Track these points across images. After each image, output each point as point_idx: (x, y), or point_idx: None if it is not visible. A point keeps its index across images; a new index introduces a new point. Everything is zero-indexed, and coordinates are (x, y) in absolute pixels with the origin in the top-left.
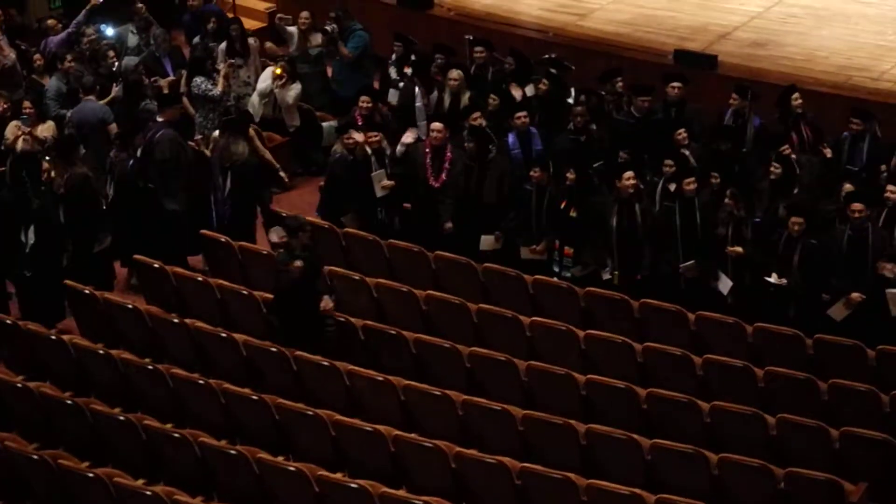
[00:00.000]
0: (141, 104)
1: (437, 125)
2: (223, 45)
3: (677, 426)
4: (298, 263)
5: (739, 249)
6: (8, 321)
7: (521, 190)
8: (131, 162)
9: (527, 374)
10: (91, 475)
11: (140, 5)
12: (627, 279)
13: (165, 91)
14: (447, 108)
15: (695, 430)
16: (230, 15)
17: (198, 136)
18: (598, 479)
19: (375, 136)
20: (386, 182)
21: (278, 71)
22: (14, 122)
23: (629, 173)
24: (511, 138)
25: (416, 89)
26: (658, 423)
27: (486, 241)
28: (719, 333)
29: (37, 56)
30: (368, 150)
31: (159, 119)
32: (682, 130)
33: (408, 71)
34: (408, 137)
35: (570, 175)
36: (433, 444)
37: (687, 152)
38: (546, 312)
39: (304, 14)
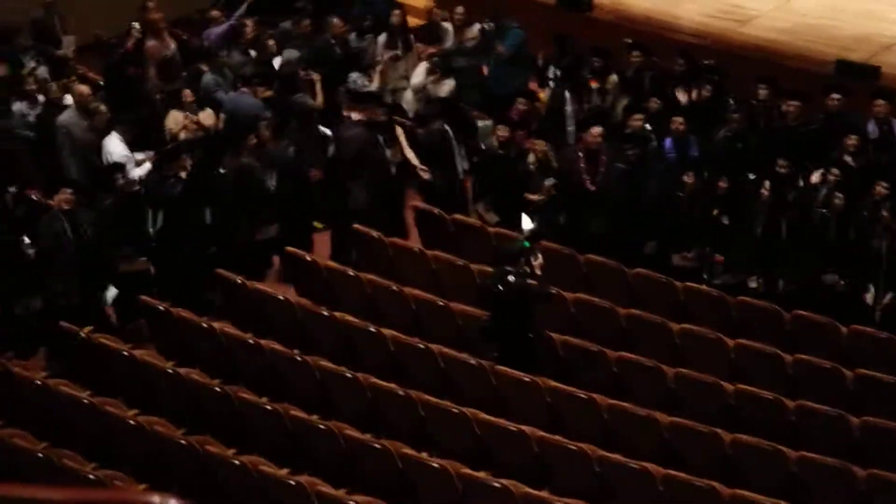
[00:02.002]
0: (294, 97)
1: (596, 129)
2: (382, 36)
3: (825, 440)
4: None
5: None
6: (160, 307)
7: (674, 196)
8: (292, 152)
9: (674, 381)
10: (236, 462)
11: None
12: (771, 288)
13: (317, 84)
14: (603, 112)
15: (842, 444)
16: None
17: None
18: (741, 489)
19: (542, 144)
20: (547, 185)
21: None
22: (176, 111)
23: (769, 182)
24: (668, 143)
25: (567, 93)
26: (805, 436)
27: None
28: (871, 348)
29: (198, 47)
30: (532, 157)
31: (353, 117)
32: (852, 137)
33: (558, 73)
34: None
35: (723, 183)
36: (577, 447)
37: (849, 160)
38: (695, 320)
39: (460, 10)
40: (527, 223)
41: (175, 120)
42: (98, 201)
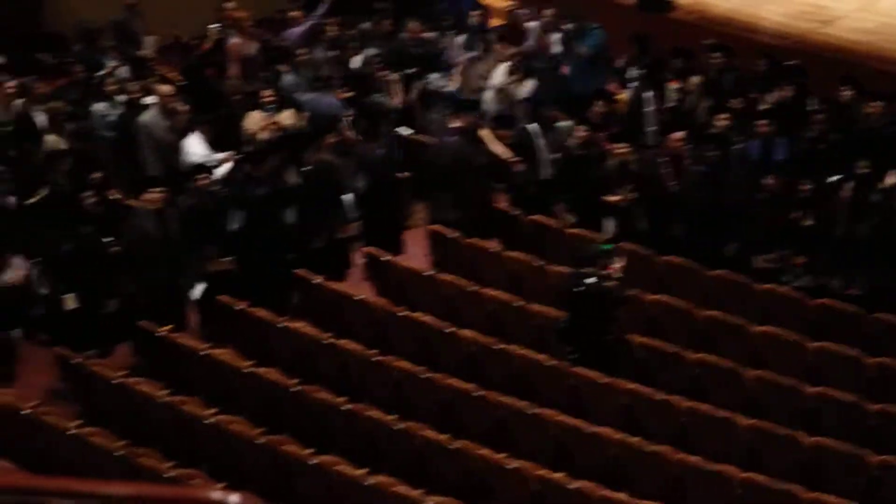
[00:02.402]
0: (370, 97)
1: (678, 134)
2: (461, 37)
3: None
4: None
5: None
6: (237, 307)
7: (754, 198)
8: (380, 152)
9: (753, 383)
10: (313, 462)
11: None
12: (852, 290)
13: (397, 83)
14: (683, 113)
15: None
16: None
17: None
18: (821, 493)
19: (623, 147)
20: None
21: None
22: (256, 112)
23: (851, 184)
24: (754, 146)
25: (647, 94)
26: (887, 440)
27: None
28: None
29: (277, 47)
30: (613, 160)
31: (452, 125)
32: None
33: (637, 73)
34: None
35: (805, 185)
36: (654, 449)
37: None
38: (774, 322)
39: (548, 11)
40: (608, 226)
41: (254, 121)
42: (180, 201)
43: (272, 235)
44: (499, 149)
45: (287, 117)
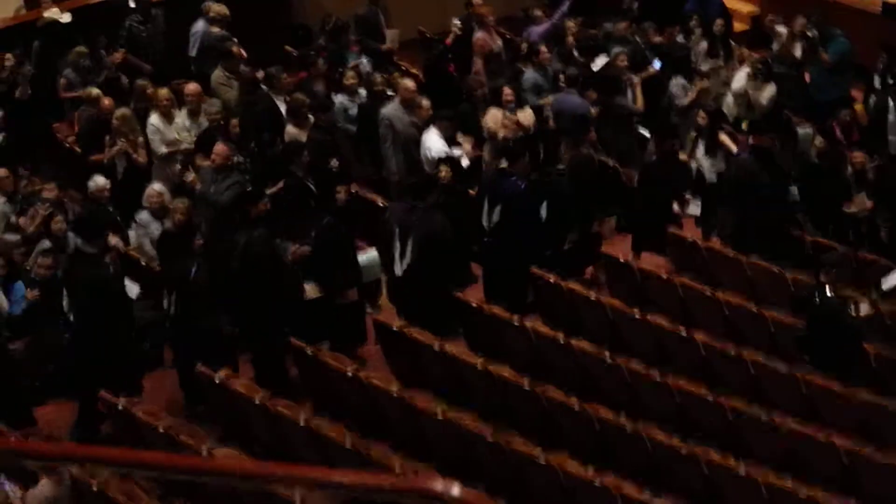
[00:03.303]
0: (614, 99)
1: None
2: (703, 44)
3: None
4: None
5: None
6: (474, 305)
7: None
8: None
9: None
10: (542, 461)
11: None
12: None
13: (638, 85)
14: None
15: None
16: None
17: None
18: None
19: (860, 156)
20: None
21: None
22: (496, 109)
23: None
24: None
25: (890, 102)
26: None
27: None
28: None
29: (522, 45)
30: (850, 168)
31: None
32: None
33: (886, 82)
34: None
35: None
36: (887, 458)
37: None
38: None
39: (801, 21)
40: (893, 278)
41: (494, 118)
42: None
43: (524, 232)
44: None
45: (527, 116)
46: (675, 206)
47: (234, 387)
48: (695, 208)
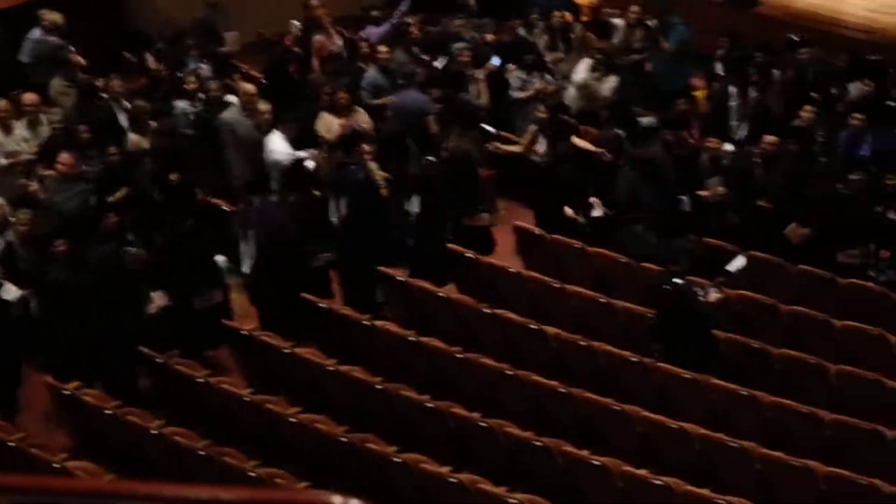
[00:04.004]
0: (458, 96)
1: (770, 138)
2: (543, 39)
3: None
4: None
5: None
6: (321, 305)
7: (837, 191)
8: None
9: (837, 379)
10: (398, 460)
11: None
12: None
13: (482, 82)
14: (764, 108)
15: None
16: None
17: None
18: None
19: (714, 141)
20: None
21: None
22: (328, 115)
23: None
24: (843, 137)
25: (731, 88)
26: None
27: (792, 231)
28: None
29: (363, 43)
30: (705, 155)
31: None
32: None
33: (723, 68)
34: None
35: (891, 179)
36: (739, 444)
37: None
38: (859, 317)
39: (635, 8)
40: (738, 261)
41: (327, 124)
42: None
43: (376, 220)
44: (583, 143)
45: (362, 119)
46: (569, 211)
47: (85, 398)
48: (597, 211)
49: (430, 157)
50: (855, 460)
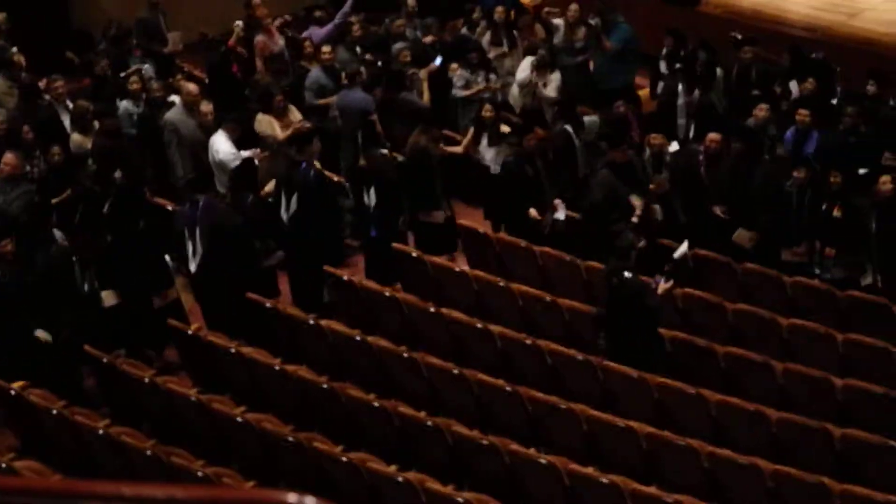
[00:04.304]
0: (399, 95)
1: (714, 136)
2: (486, 34)
3: None
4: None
5: None
6: (267, 305)
7: (782, 189)
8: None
9: (783, 377)
10: (344, 459)
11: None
12: (889, 284)
13: (424, 81)
14: (709, 105)
15: None
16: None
17: None
18: (852, 484)
19: (658, 137)
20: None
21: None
22: (263, 115)
23: (886, 177)
24: (789, 134)
25: (680, 86)
26: None
27: (741, 236)
28: None
29: (307, 43)
30: (648, 150)
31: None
32: None
33: (672, 66)
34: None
35: (835, 177)
36: (685, 442)
37: None
38: (804, 314)
39: (574, 7)
40: (683, 247)
41: (267, 124)
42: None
43: (324, 219)
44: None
45: (297, 118)
46: (534, 212)
47: (30, 398)
48: (561, 213)
49: (384, 151)
50: (802, 457)
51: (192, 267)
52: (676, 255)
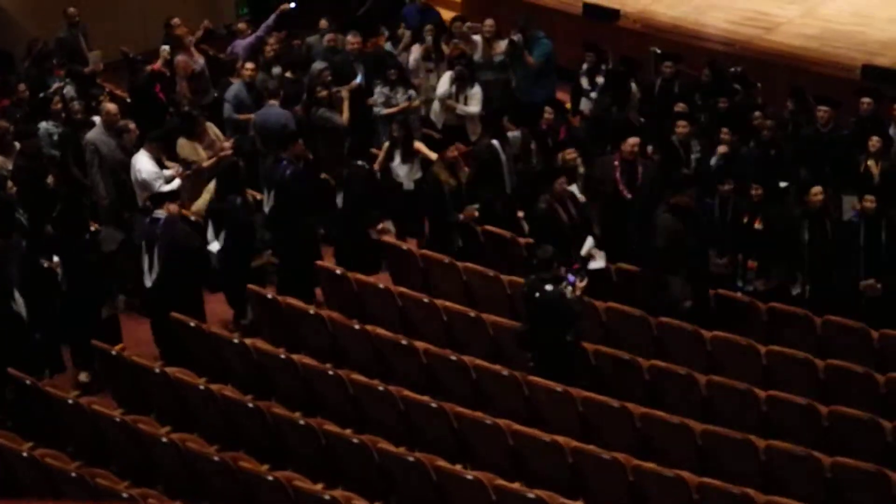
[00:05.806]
0: (317, 111)
1: (633, 140)
2: (415, 51)
3: (859, 445)
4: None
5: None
6: (191, 324)
7: (703, 203)
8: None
9: (707, 389)
10: (270, 478)
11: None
12: (818, 295)
13: (346, 99)
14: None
15: (877, 449)
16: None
17: None
18: (776, 496)
19: (572, 153)
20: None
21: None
22: (183, 140)
23: (817, 188)
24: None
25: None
26: (839, 442)
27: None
28: None
29: (239, 63)
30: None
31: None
32: (874, 138)
33: (599, 81)
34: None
35: (756, 189)
36: (610, 456)
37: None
38: (727, 327)
39: (489, 22)
40: (588, 243)
41: (189, 147)
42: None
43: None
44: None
45: (215, 133)
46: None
47: None
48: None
49: (359, 161)
50: (726, 470)
51: (148, 282)
52: (583, 251)
